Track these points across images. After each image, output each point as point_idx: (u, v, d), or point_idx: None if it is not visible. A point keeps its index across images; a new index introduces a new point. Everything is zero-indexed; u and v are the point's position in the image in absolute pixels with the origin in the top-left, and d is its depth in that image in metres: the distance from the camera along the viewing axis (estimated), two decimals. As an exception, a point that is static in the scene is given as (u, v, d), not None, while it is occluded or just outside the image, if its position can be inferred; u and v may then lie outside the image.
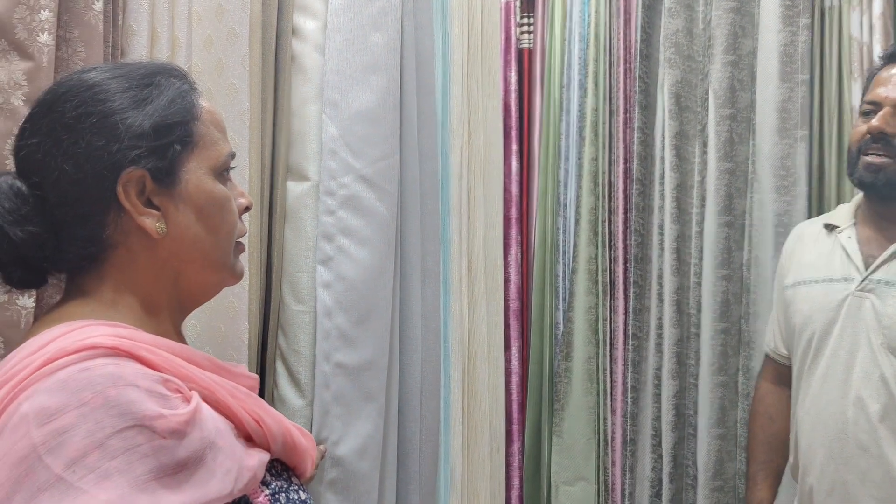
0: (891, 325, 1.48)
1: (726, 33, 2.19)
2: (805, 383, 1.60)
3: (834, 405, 1.53)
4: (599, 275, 2.42)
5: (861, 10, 2.03)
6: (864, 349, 1.50)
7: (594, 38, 2.43)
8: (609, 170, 2.43)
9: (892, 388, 1.47)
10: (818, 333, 1.57)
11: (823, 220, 1.71)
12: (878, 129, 1.51)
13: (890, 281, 1.50)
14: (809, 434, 1.57)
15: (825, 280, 1.60)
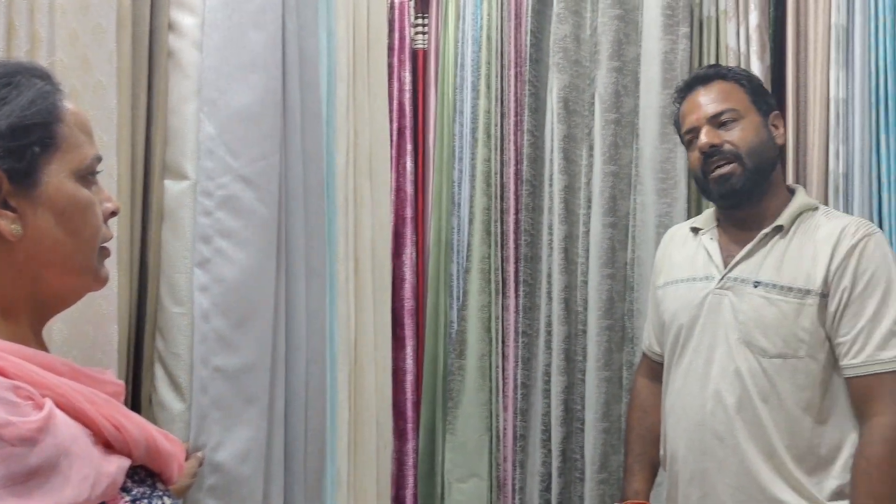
0: (746, 321, 1.56)
1: (611, 40, 2.25)
2: (671, 378, 1.68)
3: (695, 398, 1.60)
4: (492, 273, 2.46)
5: (738, 21, 2.12)
6: (723, 344, 1.58)
7: (486, 41, 2.46)
8: (501, 171, 2.47)
9: (747, 380, 1.54)
10: (683, 330, 1.65)
11: (690, 223, 1.80)
12: (708, 143, 1.61)
13: (745, 279, 1.58)
14: (674, 426, 1.65)
15: (690, 279, 1.68)
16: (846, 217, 1.64)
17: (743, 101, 1.65)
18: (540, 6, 2.41)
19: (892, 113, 1.86)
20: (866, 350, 1.48)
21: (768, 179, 1.64)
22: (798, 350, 1.52)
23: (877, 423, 1.46)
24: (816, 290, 1.52)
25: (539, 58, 2.42)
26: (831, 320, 1.52)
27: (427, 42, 2.63)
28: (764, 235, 1.60)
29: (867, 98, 1.90)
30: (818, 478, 1.51)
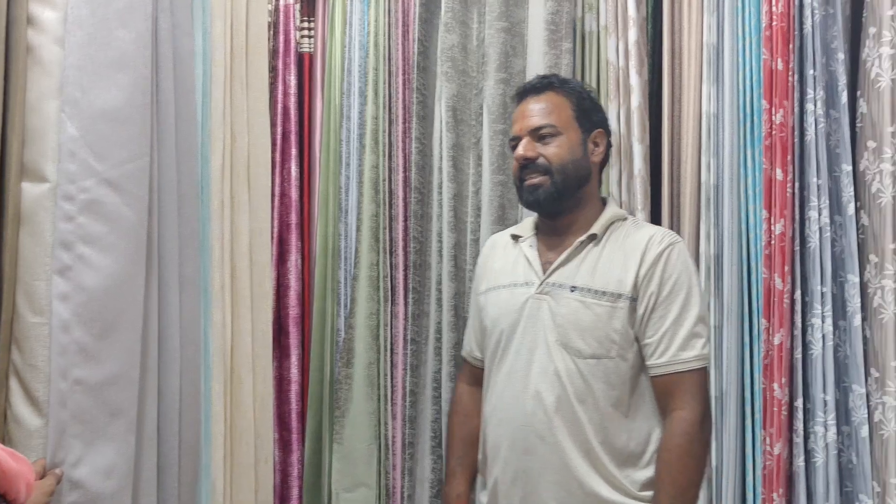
0: (563, 324, 1.64)
1: (498, 52, 2.28)
2: (493, 381, 1.74)
3: (516, 399, 1.67)
4: (381, 281, 2.45)
5: (617, 37, 2.18)
6: (542, 346, 1.66)
7: (374, 47, 2.45)
8: (389, 177, 2.46)
9: (565, 381, 1.62)
10: (505, 334, 1.72)
11: (511, 231, 1.87)
12: (523, 156, 1.71)
13: (563, 284, 1.67)
14: (496, 428, 1.71)
15: (511, 285, 1.75)
16: (652, 227, 1.76)
17: (566, 118, 1.74)
18: (427, 15, 2.42)
19: (757, 128, 1.96)
20: (670, 350, 1.60)
21: (579, 193, 1.74)
22: (610, 351, 1.62)
23: (678, 417, 1.59)
24: (627, 295, 1.63)
25: (427, 66, 2.43)
26: (639, 323, 1.63)
27: (313, 46, 2.60)
28: (579, 243, 1.70)
29: (735, 114, 2.00)
30: (629, 470, 1.62)
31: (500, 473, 1.70)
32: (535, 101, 1.76)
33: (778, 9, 1.93)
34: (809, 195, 1.89)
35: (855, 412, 1.81)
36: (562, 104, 1.75)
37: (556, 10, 2.23)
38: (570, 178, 1.71)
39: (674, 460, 1.58)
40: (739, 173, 1.98)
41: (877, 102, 1.85)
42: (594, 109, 1.80)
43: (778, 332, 1.87)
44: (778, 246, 1.89)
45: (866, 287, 1.85)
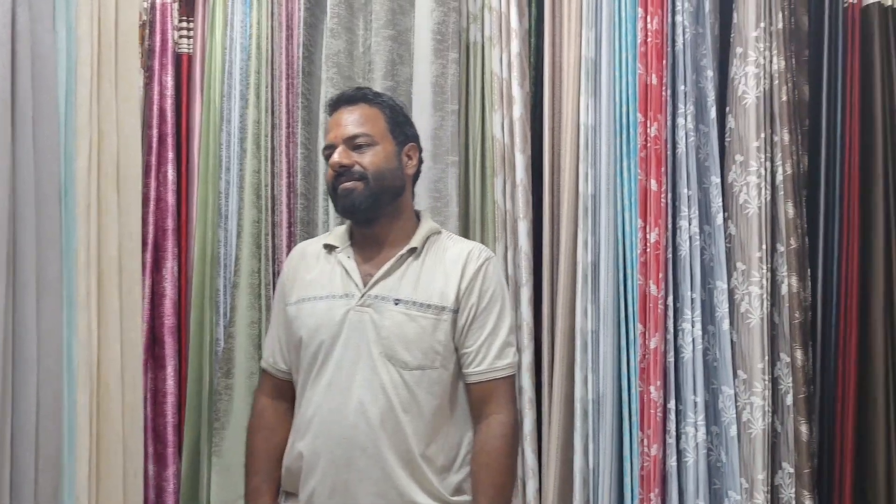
0: (388, 336, 1.66)
1: (385, 60, 2.27)
2: (309, 393, 1.72)
3: (337, 412, 1.66)
4: (262, 289, 2.38)
5: (501, 48, 2.22)
6: (365, 359, 1.67)
7: (256, 50, 2.40)
8: (272, 183, 2.41)
9: (390, 393, 1.65)
10: (324, 346, 1.71)
11: (322, 240, 1.86)
12: (339, 163, 1.72)
13: (386, 297, 1.69)
14: (313, 441, 1.69)
15: (329, 297, 1.74)
16: (468, 241, 1.84)
17: (380, 129, 1.76)
18: (312, 20, 2.39)
19: (633, 140, 2.03)
20: (487, 359, 1.69)
21: (395, 203, 1.76)
22: (434, 361, 1.67)
23: (495, 420, 1.67)
24: (450, 307, 1.69)
25: (312, 71, 2.40)
26: (460, 333, 1.70)
27: (192, 46, 2.52)
28: (400, 256, 1.73)
29: (612, 126, 2.06)
30: (443, 476, 1.67)
31: (317, 485, 1.68)
32: (348, 112, 1.77)
33: (652, 26, 2.01)
34: (681, 205, 1.97)
35: (724, 413, 1.89)
36: (376, 116, 1.77)
37: (442, 19, 2.24)
38: (385, 186, 1.73)
39: (492, 462, 1.65)
40: (616, 183, 2.05)
41: (743, 118, 1.95)
42: (407, 123, 1.84)
43: (653, 337, 1.93)
44: (652, 254, 1.96)
45: (734, 293, 1.94)
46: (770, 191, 1.93)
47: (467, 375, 1.71)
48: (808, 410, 1.86)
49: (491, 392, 1.69)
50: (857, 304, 1.85)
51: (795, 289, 1.89)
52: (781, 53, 1.96)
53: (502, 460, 1.66)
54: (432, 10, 2.25)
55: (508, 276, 2.15)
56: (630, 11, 2.06)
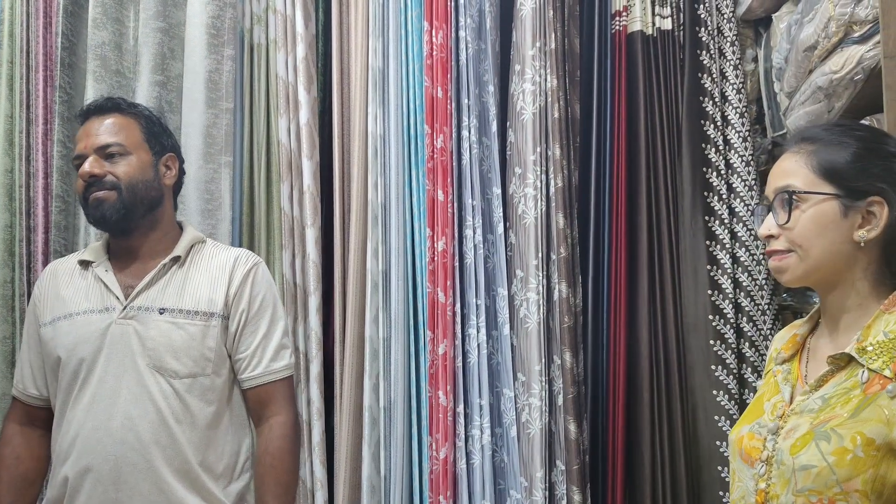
0: (155, 347, 1.62)
1: (154, 53, 2.13)
2: (70, 414, 1.65)
3: (103, 430, 1.59)
4: (16, 300, 2.16)
5: (287, 52, 2.16)
6: (131, 372, 1.60)
7: (8, 37, 2.15)
8: (28, 184, 2.18)
9: (161, 404, 1.60)
10: (85, 363, 1.64)
11: (77, 256, 1.79)
12: (89, 172, 1.65)
13: (150, 307, 1.64)
14: (76, 462, 1.61)
15: (86, 312, 1.67)
16: (233, 248, 1.81)
17: (135, 138, 1.71)
18: (74, 8, 2.18)
19: (421, 151, 2.07)
20: (263, 363, 1.69)
21: (152, 215, 1.71)
22: (206, 368, 1.64)
23: (276, 422, 1.68)
24: (219, 313, 1.67)
25: (74, 63, 2.19)
26: (232, 339, 1.68)
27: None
28: (163, 266, 1.69)
29: (401, 136, 2.09)
30: (224, 483, 1.65)
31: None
32: (100, 121, 1.69)
33: (437, 39, 2.06)
34: (466, 215, 2.05)
35: (506, 414, 1.99)
36: (130, 125, 1.71)
37: (217, 14, 2.15)
38: (139, 197, 1.67)
39: (276, 462, 1.65)
40: (405, 193, 2.08)
41: (521, 132, 2.06)
42: (164, 133, 1.78)
43: (442, 343, 1.99)
44: (441, 262, 2.02)
45: (514, 299, 2.05)
46: (545, 202, 2.05)
47: (243, 381, 1.69)
48: (577, 410, 2.01)
49: (269, 395, 1.69)
50: (626, 308, 2.03)
51: (566, 294, 2.03)
52: (555, 72, 2.09)
53: (287, 459, 1.66)
54: (206, 3, 2.15)
55: (296, 284, 2.12)
56: (416, 24, 2.10)
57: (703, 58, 2.08)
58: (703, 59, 2.08)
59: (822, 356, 1.13)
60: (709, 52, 2.08)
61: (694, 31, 2.09)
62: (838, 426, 1.03)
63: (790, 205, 1.12)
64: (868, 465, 1.00)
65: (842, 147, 1.12)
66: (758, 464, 1.12)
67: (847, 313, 1.13)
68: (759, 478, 1.11)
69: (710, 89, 2.07)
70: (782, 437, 1.09)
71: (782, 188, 1.14)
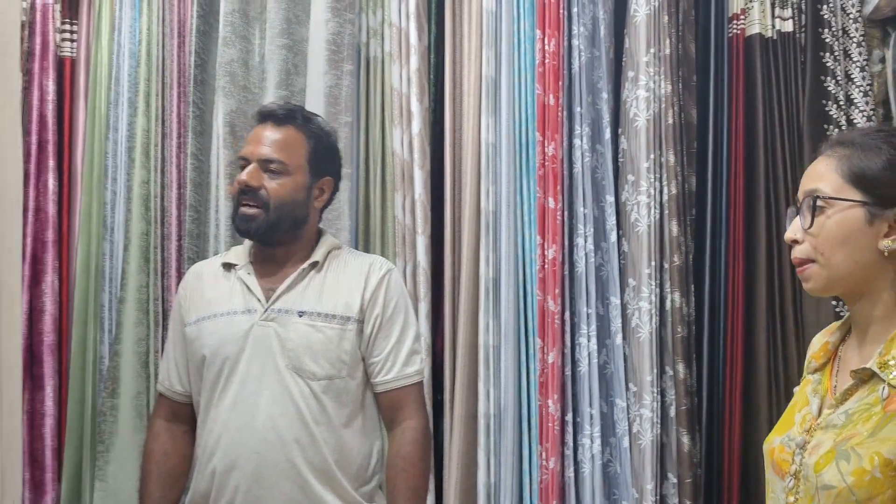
0: (294, 348, 1.66)
1: (279, 69, 2.24)
2: (214, 412, 1.70)
3: (245, 428, 1.64)
4: (151, 304, 2.30)
5: (401, 64, 2.23)
6: (272, 372, 1.66)
7: (146, 56, 2.30)
8: (162, 194, 2.32)
9: (300, 404, 1.64)
10: (228, 363, 1.69)
11: (220, 259, 1.85)
12: (246, 182, 1.69)
13: (289, 309, 1.69)
14: (222, 459, 1.67)
15: (229, 313, 1.73)
16: (368, 255, 1.85)
17: (298, 158, 1.73)
18: (205, 27, 2.32)
19: (531, 159, 2.08)
20: (396, 367, 1.71)
21: (297, 231, 1.75)
22: (341, 371, 1.68)
23: (407, 426, 1.70)
24: (355, 317, 1.70)
25: (204, 80, 2.33)
26: (366, 343, 1.72)
27: (76, 50, 2.39)
28: (302, 270, 1.73)
29: (512, 144, 2.10)
30: (358, 483, 1.69)
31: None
32: (273, 130, 1.73)
33: (550, 47, 2.07)
34: (577, 223, 2.04)
35: (618, 424, 1.96)
36: (299, 143, 1.74)
37: (337, 31, 2.23)
38: (285, 217, 1.71)
39: (408, 465, 1.67)
40: (516, 200, 2.09)
41: (635, 140, 2.04)
42: (328, 156, 1.80)
43: (551, 351, 1.99)
44: (550, 270, 2.01)
45: (626, 308, 2.02)
46: (658, 210, 2.02)
47: (376, 385, 1.72)
48: (690, 422, 1.96)
49: (401, 399, 1.72)
50: (743, 318, 1.97)
51: (678, 304, 1.99)
52: (669, 78, 2.06)
53: (417, 464, 1.69)
54: (327, 20, 2.23)
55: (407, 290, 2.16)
56: (528, 32, 2.12)
57: (826, 60, 2.00)
58: (827, 61, 2.00)
59: (850, 368, 1.10)
60: (832, 53, 2.00)
61: (816, 33, 2.02)
62: (858, 445, 1.00)
63: (815, 210, 1.09)
64: (887, 486, 0.97)
65: (876, 153, 1.08)
66: (787, 477, 1.10)
67: (874, 324, 1.10)
68: (788, 491, 1.10)
69: (833, 92, 1.99)
70: (808, 453, 1.08)
71: (810, 192, 1.11)
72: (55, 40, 2.34)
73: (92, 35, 2.38)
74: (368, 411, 1.73)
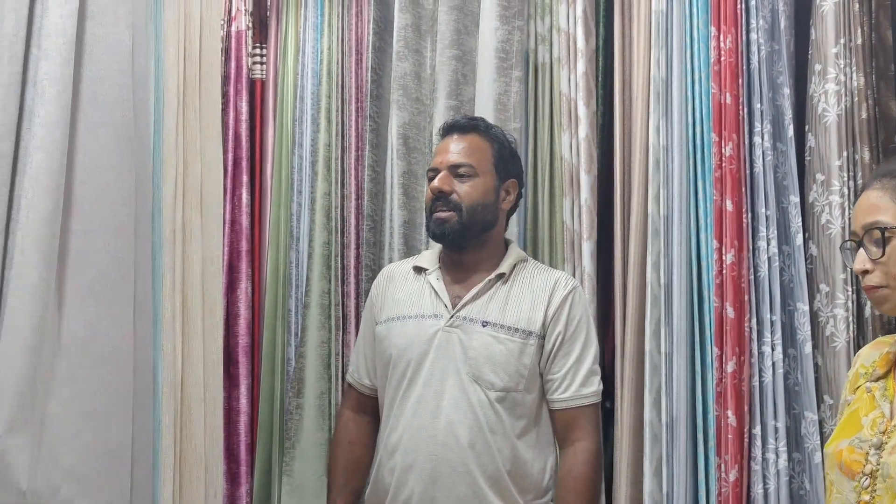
0: (475, 357, 1.70)
1: (449, 79, 2.29)
2: (398, 410, 1.76)
3: (426, 430, 1.69)
4: (332, 309, 2.41)
5: (569, 69, 2.21)
6: (453, 378, 1.71)
7: (327, 75, 2.44)
8: (342, 205, 2.44)
9: (478, 412, 1.68)
10: (413, 364, 1.74)
11: (412, 262, 1.91)
12: (438, 188, 1.77)
13: (474, 318, 1.73)
14: (403, 457, 1.72)
15: (418, 316, 1.78)
16: (554, 270, 1.88)
17: (485, 162, 1.80)
18: (381, 43, 2.42)
19: (707, 161, 1.99)
20: (573, 386, 1.72)
21: (487, 234, 1.80)
22: (519, 384, 1.70)
23: (580, 447, 1.71)
24: (537, 332, 1.72)
25: (380, 94, 2.43)
26: (546, 359, 1.74)
27: (265, 72, 2.58)
28: (488, 281, 1.77)
29: (685, 146, 2.03)
30: (531, 495, 1.70)
31: (406, 501, 1.71)
32: (458, 139, 1.81)
33: (726, 45, 1.98)
34: (759, 226, 1.93)
35: (808, 439, 1.84)
36: (483, 148, 1.81)
37: (506, 38, 2.25)
38: (477, 219, 1.77)
39: (579, 486, 1.68)
40: (690, 204, 2.01)
41: (824, 137, 1.90)
42: (511, 159, 1.86)
43: (730, 360, 1.89)
44: (729, 275, 1.92)
45: (817, 316, 1.89)
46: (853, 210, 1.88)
47: (552, 402, 1.74)
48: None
49: (576, 419, 1.72)
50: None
51: (878, 312, 1.83)
52: (862, 69, 1.91)
53: (588, 485, 1.69)
54: (496, 28, 2.26)
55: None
56: (702, 31, 2.03)
57: None
58: None
59: None
60: None
61: None
62: None
63: (884, 240, 1.18)
64: None
65: None
66: (860, 476, 1.18)
67: None
68: (862, 490, 1.18)
69: None
70: (888, 452, 1.16)
71: (871, 224, 1.20)
72: (247, 64, 2.53)
73: (279, 57, 2.55)
74: (543, 426, 1.75)
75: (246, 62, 2.53)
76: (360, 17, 2.47)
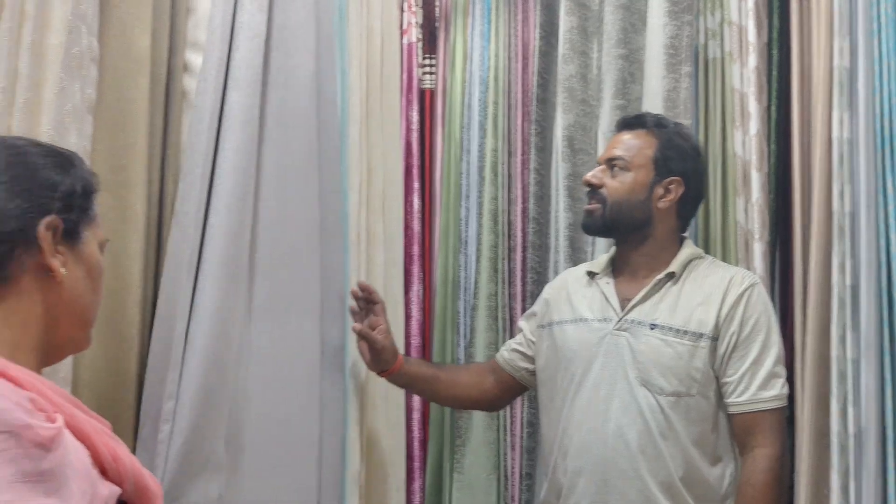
0: (644, 361, 1.66)
1: (615, 79, 2.28)
2: (568, 413, 1.74)
3: (596, 433, 1.68)
4: (499, 311, 2.46)
5: (741, 63, 2.15)
6: (622, 382, 1.68)
7: (493, 82, 2.49)
8: (508, 209, 2.49)
9: (647, 417, 1.64)
10: (581, 367, 1.73)
11: (586, 267, 1.90)
12: (587, 181, 1.80)
13: (642, 321, 1.70)
14: (574, 460, 1.71)
15: (588, 320, 1.77)
16: (731, 267, 1.82)
17: (643, 157, 1.77)
18: (547, 47, 2.45)
19: (896, 154, 1.88)
20: (750, 390, 1.66)
21: (644, 231, 1.77)
22: (691, 389, 1.65)
23: (760, 454, 1.64)
24: (708, 334, 1.66)
25: (546, 97, 2.45)
26: (720, 362, 1.68)
27: (434, 82, 2.66)
28: (657, 281, 1.72)
29: (872, 140, 1.92)
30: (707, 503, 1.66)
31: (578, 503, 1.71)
32: (624, 134, 1.82)
33: (917, 30, 1.86)
34: (957, 223, 1.80)
35: None
36: (647, 143, 1.79)
37: (675, 34, 2.22)
38: (622, 215, 1.75)
39: (758, 495, 1.62)
40: (878, 201, 1.90)
41: None
42: (678, 157, 1.80)
43: (925, 368, 1.77)
44: (923, 276, 1.80)
45: None
46: None
47: (729, 406, 1.68)
48: None
49: (755, 424, 1.67)
50: None
51: None
52: None
53: (768, 494, 1.63)
54: (665, 24, 2.23)
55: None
56: (890, 14, 1.92)
57: None
58: None
59: None
60: None
61: None
62: None
63: None
64: None
65: None
66: None
67: None
68: None
69: None
70: None
71: None
72: (418, 75, 2.63)
73: (447, 67, 2.63)
74: (721, 432, 1.70)
75: (416, 73, 2.63)
76: (527, 22, 2.51)
